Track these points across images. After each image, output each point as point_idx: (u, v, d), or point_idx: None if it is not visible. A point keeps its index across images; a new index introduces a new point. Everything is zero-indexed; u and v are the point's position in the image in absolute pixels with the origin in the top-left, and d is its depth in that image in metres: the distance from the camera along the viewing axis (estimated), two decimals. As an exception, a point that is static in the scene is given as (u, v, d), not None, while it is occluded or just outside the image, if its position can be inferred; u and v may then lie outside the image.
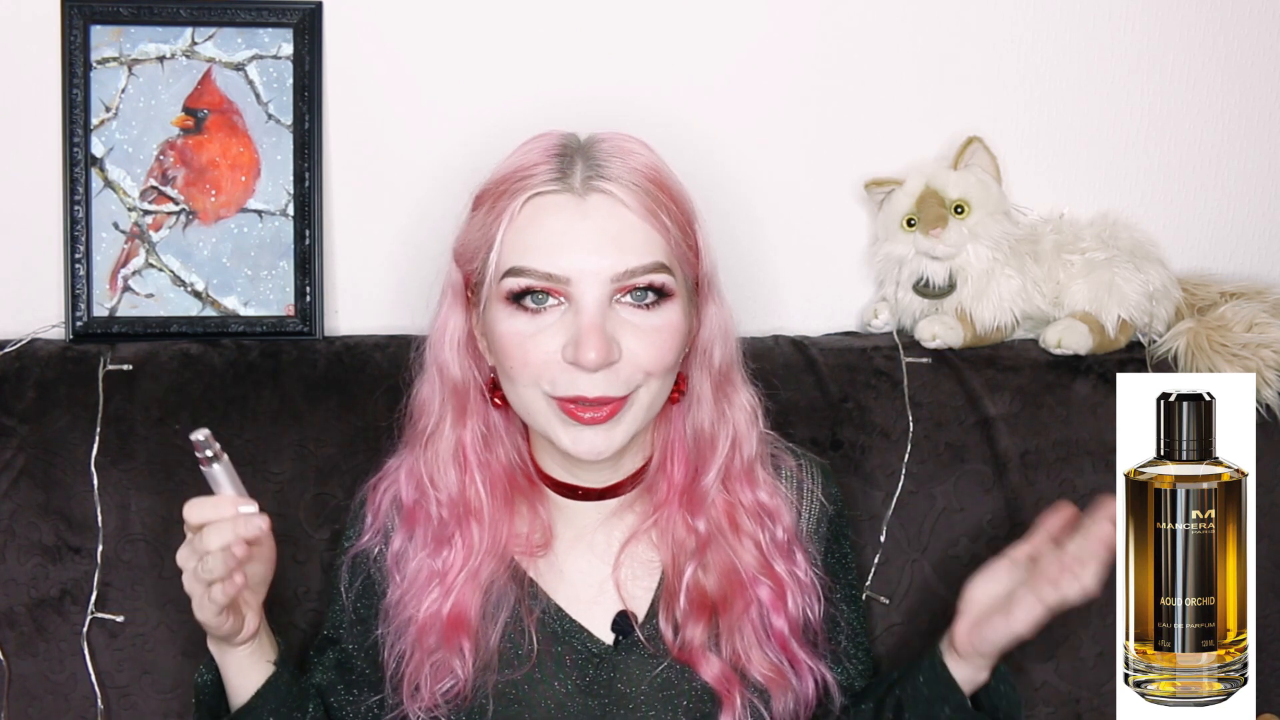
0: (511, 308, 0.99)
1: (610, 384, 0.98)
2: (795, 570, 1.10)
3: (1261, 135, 1.60)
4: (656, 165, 1.02)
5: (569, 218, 0.97)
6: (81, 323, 1.41)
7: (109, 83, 1.41)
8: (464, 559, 1.06)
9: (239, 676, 1.04)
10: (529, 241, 0.98)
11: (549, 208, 0.98)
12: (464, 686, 1.05)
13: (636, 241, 0.98)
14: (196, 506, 0.94)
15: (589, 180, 0.98)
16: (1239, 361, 1.39)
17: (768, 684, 1.07)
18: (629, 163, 1.00)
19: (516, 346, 0.99)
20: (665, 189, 1.01)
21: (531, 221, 0.98)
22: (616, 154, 1.00)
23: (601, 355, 0.95)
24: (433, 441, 1.08)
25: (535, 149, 1.02)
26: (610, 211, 0.98)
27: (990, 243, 1.44)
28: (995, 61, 1.54)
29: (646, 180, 0.99)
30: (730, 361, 1.10)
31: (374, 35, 1.46)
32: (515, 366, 1.00)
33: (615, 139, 1.02)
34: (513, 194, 0.99)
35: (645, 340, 0.99)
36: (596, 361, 0.95)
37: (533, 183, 0.99)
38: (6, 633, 1.25)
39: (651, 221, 0.98)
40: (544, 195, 0.98)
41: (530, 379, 0.99)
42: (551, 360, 0.98)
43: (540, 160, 1.00)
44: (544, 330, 0.98)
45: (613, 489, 1.09)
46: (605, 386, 0.98)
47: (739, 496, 1.10)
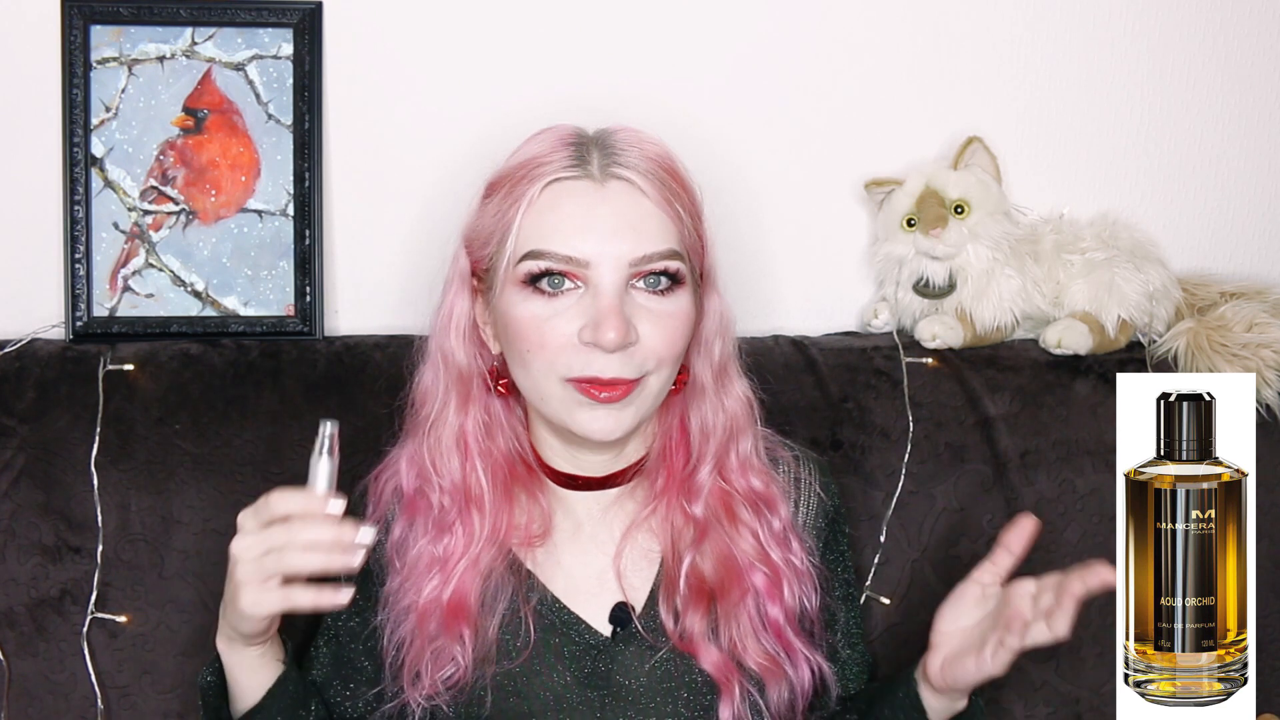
0: (527, 291, 1.00)
1: (625, 366, 0.99)
2: (791, 558, 1.11)
3: (1261, 135, 1.60)
4: (670, 155, 1.04)
5: (589, 202, 0.99)
6: (81, 323, 1.41)
7: (109, 83, 1.41)
8: (465, 545, 1.07)
9: (249, 676, 1.03)
10: (549, 225, 0.99)
11: (568, 193, 1.00)
12: (464, 674, 1.05)
13: (653, 228, 1.00)
14: (285, 497, 0.92)
15: (607, 167, 1.00)
16: (1239, 361, 1.39)
17: (763, 673, 1.07)
18: (645, 151, 1.02)
19: (533, 330, 1.00)
20: (678, 178, 1.03)
21: (551, 206, 1.00)
22: (632, 143, 1.02)
23: (621, 335, 0.97)
24: (435, 428, 1.09)
25: (548, 139, 1.04)
26: (629, 197, 1.00)
27: (990, 243, 1.44)
28: (995, 61, 1.54)
29: (661, 169, 1.02)
30: (728, 355, 1.12)
31: (374, 35, 1.46)
32: (531, 349, 1.01)
33: (629, 130, 1.04)
34: (531, 179, 1.00)
35: (658, 326, 1.00)
36: (616, 341, 0.97)
37: (551, 169, 1.00)
38: (6, 633, 1.25)
39: (667, 209, 1.01)
40: (563, 181, 1.00)
41: (545, 362, 1.00)
42: (568, 343, 0.99)
43: (556, 148, 1.02)
44: (561, 314, 0.99)
45: (613, 478, 1.10)
46: (620, 368, 0.99)
47: (735, 486, 1.11)
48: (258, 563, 0.91)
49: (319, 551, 0.90)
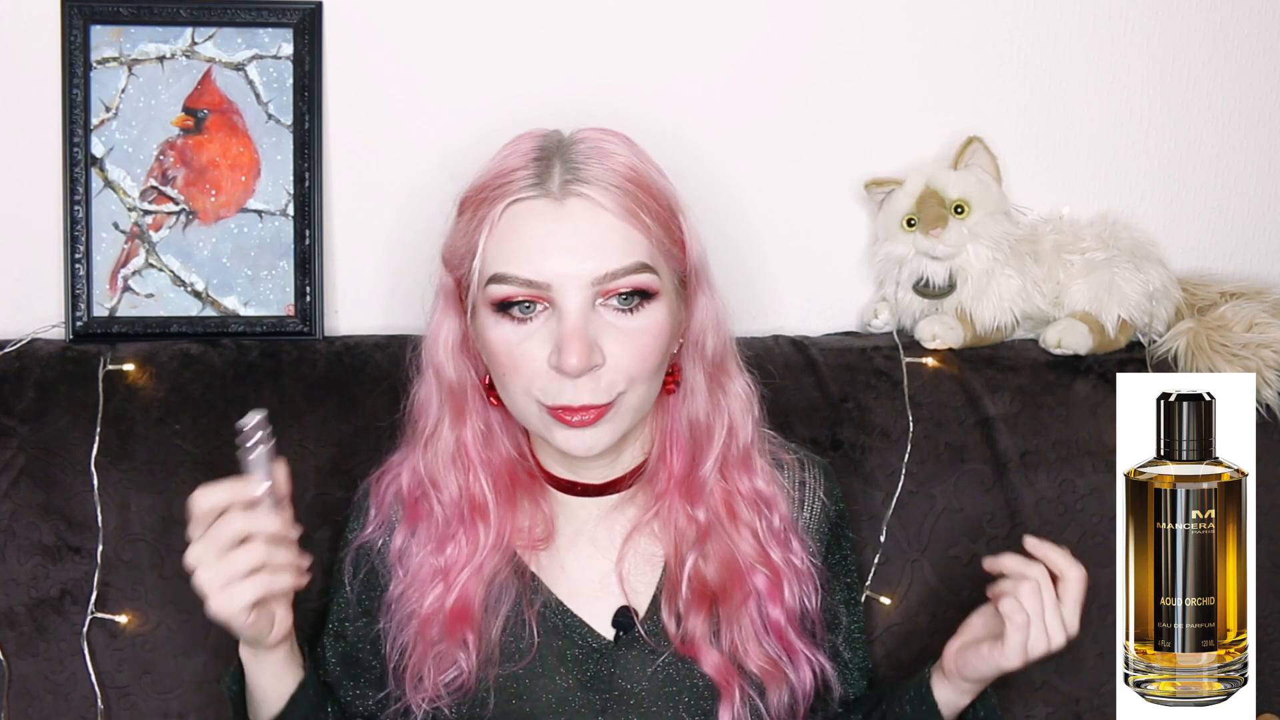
0: (498, 315, 0.99)
1: (593, 392, 0.98)
2: (791, 558, 1.10)
3: (1261, 135, 1.60)
4: (634, 164, 1.01)
5: (547, 223, 0.97)
6: (81, 323, 1.41)
7: (109, 83, 1.41)
8: (469, 554, 1.07)
9: (275, 682, 1.03)
10: (509, 248, 0.98)
11: (527, 213, 0.98)
12: (468, 678, 1.06)
13: (616, 242, 0.98)
14: (208, 492, 0.92)
15: (566, 184, 0.98)
16: (1239, 361, 1.39)
17: (763, 677, 1.07)
18: (606, 164, 0.99)
19: (505, 355, 0.99)
20: (644, 187, 1.00)
21: (511, 228, 0.98)
22: (594, 155, 0.99)
23: (583, 361, 0.95)
24: (432, 442, 1.09)
25: (515, 153, 1.01)
26: (588, 214, 0.97)
27: (990, 243, 1.44)
28: (995, 61, 1.54)
29: (625, 180, 0.99)
30: (724, 350, 1.10)
31: (374, 35, 1.46)
32: (506, 374, 1.00)
33: (593, 138, 1.02)
34: (492, 201, 0.99)
35: (627, 344, 0.99)
36: (578, 367, 0.95)
37: (511, 189, 0.98)
38: (6, 633, 1.25)
39: (631, 221, 0.98)
40: (522, 201, 0.98)
41: (520, 386, 1.00)
42: (539, 369, 0.98)
43: (519, 165, 1.00)
44: (530, 338, 0.98)
45: (612, 485, 1.10)
46: (589, 395, 0.98)
47: (736, 484, 1.10)
48: (213, 568, 0.91)
49: (255, 542, 0.91)
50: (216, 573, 0.91)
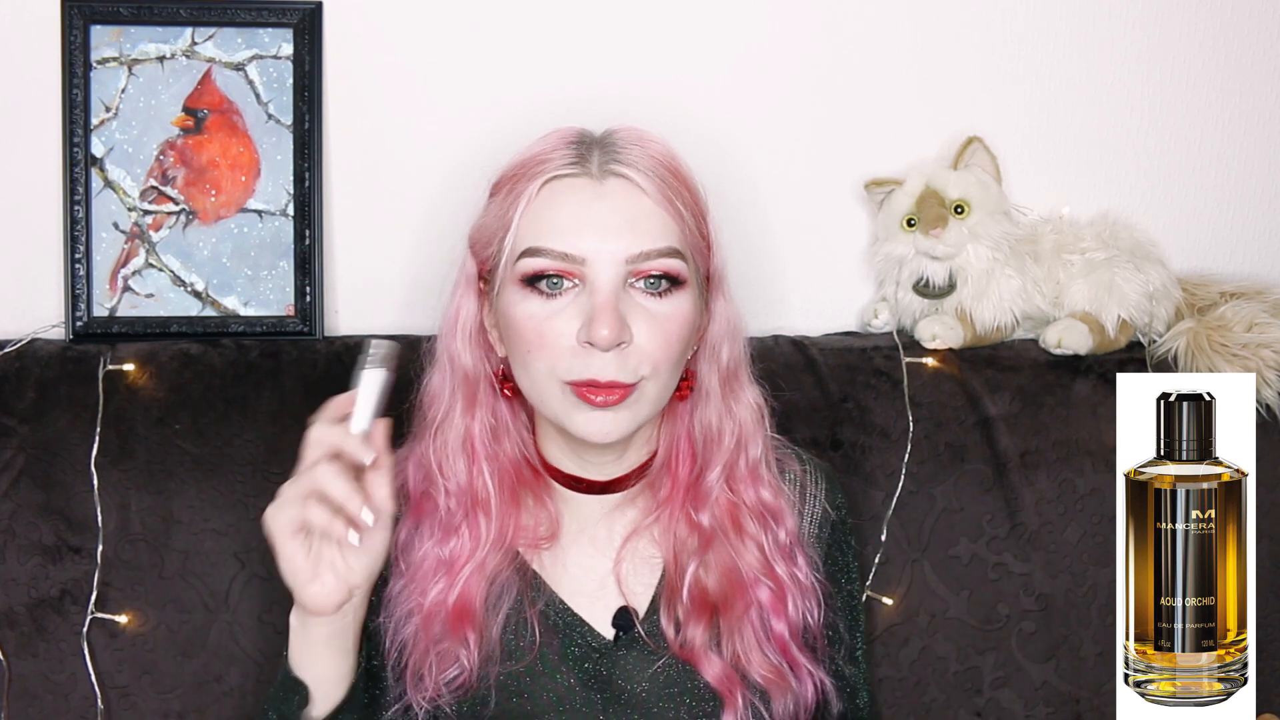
0: (526, 290, 1.00)
1: (620, 369, 0.98)
2: (796, 573, 1.10)
3: (1261, 135, 1.60)
4: (672, 154, 1.04)
5: (586, 199, 0.99)
6: (81, 323, 1.41)
7: (109, 83, 1.41)
8: (471, 549, 1.07)
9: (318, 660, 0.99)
10: (545, 222, 0.99)
11: (566, 190, 1.00)
12: (469, 676, 1.05)
13: (652, 225, 0.99)
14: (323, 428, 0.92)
15: (606, 165, 1.00)
16: (1239, 361, 1.39)
17: (768, 685, 1.07)
18: (646, 150, 1.02)
19: (532, 330, 1.00)
20: (680, 177, 1.03)
21: (548, 203, 1.00)
22: (634, 141, 1.02)
23: (614, 333, 0.96)
24: (441, 430, 1.09)
25: (552, 138, 1.04)
26: (627, 195, 0.99)
27: (990, 243, 1.44)
28: (995, 61, 1.54)
29: (662, 167, 1.01)
30: (738, 360, 1.10)
31: (374, 35, 1.46)
32: (530, 350, 1.00)
33: (631, 129, 1.04)
34: (530, 177, 1.01)
35: (654, 328, 0.99)
36: (609, 339, 0.96)
37: (550, 167, 1.00)
38: (6, 633, 1.25)
39: (667, 208, 1.00)
40: (561, 179, 1.00)
41: (545, 363, 1.00)
42: (566, 344, 0.99)
43: (557, 146, 1.02)
44: (559, 313, 0.99)
45: (617, 482, 1.10)
46: (616, 371, 0.98)
47: (743, 496, 1.10)
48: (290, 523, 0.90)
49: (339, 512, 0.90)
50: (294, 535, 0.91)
